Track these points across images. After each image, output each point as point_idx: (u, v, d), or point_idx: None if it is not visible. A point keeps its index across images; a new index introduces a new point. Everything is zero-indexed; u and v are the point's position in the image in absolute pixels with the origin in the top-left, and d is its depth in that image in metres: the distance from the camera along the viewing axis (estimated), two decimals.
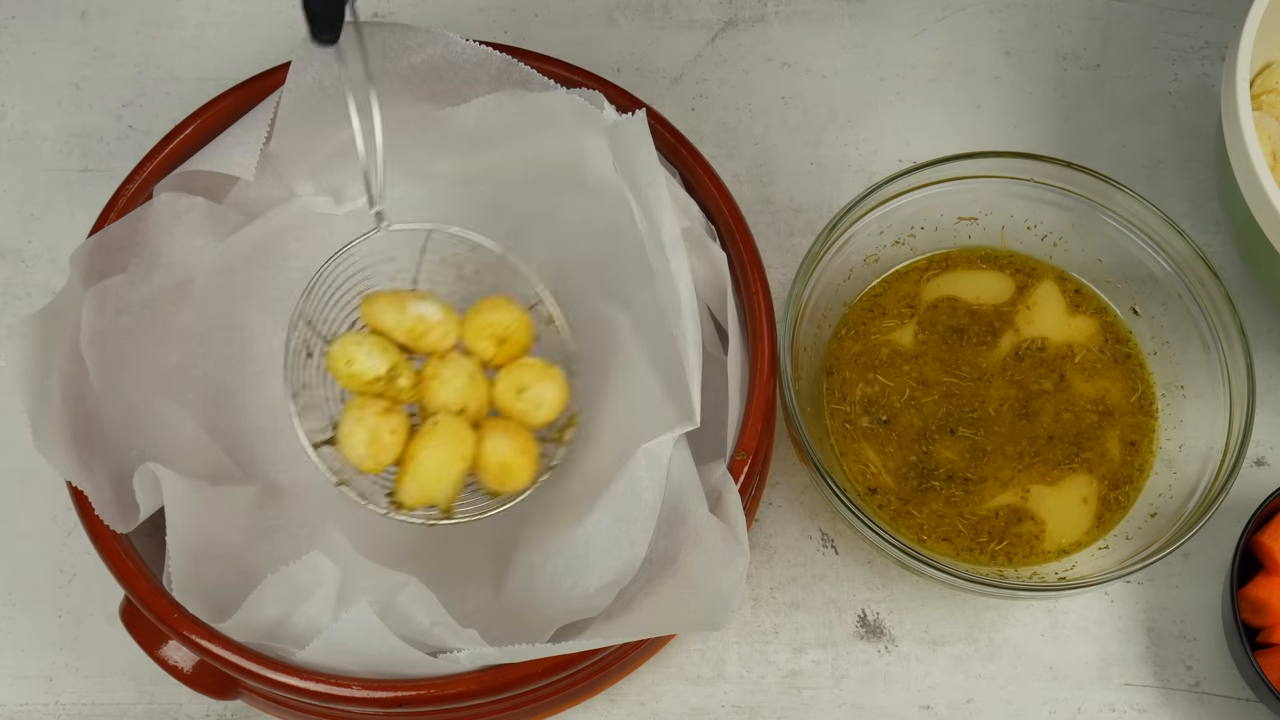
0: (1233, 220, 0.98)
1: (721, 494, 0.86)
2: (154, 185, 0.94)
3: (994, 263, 0.99)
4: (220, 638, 0.83)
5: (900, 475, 0.96)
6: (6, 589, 0.98)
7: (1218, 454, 0.93)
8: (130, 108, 1.10)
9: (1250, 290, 1.05)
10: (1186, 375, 0.95)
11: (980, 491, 0.96)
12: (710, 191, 0.93)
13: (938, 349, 0.98)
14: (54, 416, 0.86)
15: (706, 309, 0.94)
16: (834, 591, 0.99)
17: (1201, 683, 0.97)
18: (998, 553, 0.95)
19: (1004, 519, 0.96)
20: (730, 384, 0.88)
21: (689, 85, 1.11)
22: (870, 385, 0.98)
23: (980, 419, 0.96)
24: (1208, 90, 1.11)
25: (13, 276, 1.06)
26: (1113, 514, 0.96)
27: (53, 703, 0.96)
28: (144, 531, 0.88)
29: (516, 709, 0.89)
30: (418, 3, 1.14)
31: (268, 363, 0.98)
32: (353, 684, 0.82)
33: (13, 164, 1.09)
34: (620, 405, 0.95)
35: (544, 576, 0.87)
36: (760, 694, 0.96)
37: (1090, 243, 0.98)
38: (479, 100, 0.94)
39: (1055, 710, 0.96)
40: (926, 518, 0.95)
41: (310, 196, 0.99)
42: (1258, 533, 0.94)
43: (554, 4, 1.14)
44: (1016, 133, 1.10)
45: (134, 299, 0.93)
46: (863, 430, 0.97)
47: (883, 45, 1.13)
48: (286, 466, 0.96)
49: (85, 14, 1.13)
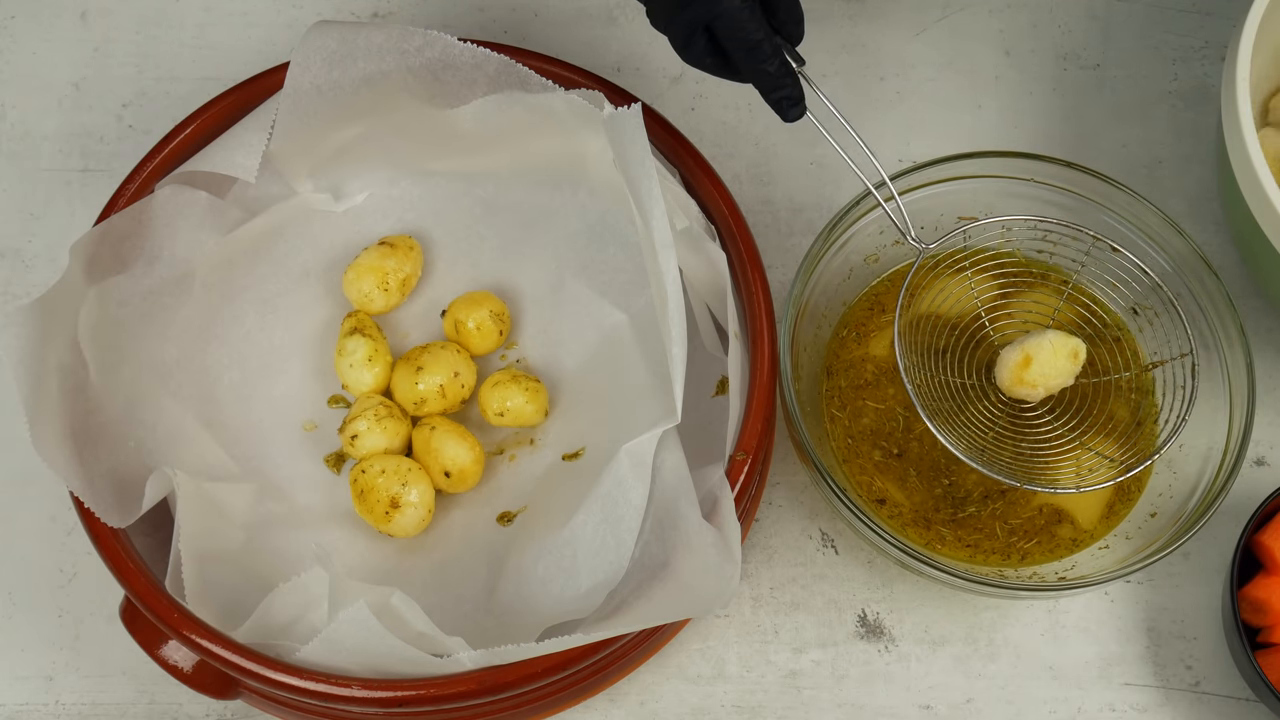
0: (1233, 220, 0.98)
1: (718, 499, 0.85)
2: (154, 185, 0.94)
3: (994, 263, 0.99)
4: (220, 637, 0.83)
5: (931, 508, 0.96)
6: (6, 589, 0.98)
7: (1218, 454, 0.93)
8: (130, 108, 1.10)
9: (1250, 290, 1.05)
10: (1186, 377, 0.95)
11: (1024, 495, 0.95)
12: (710, 191, 0.93)
13: (923, 368, 0.97)
14: (51, 408, 0.86)
15: (706, 309, 0.94)
16: (834, 591, 0.99)
17: (1201, 683, 0.97)
18: (1029, 550, 0.95)
19: (1045, 516, 0.95)
20: (730, 384, 0.88)
21: (689, 85, 1.11)
22: (867, 416, 0.98)
23: (986, 433, 0.95)
24: (1208, 90, 1.11)
25: (12, 276, 1.06)
26: (1116, 511, 0.96)
27: (53, 703, 0.96)
28: (144, 531, 0.88)
29: (516, 709, 0.89)
30: (418, 3, 1.14)
31: (267, 358, 0.98)
32: (353, 684, 0.82)
33: (13, 164, 1.09)
34: (616, 406, 0.95)
35: (535, 578, 0.87)
36: (760, 694, 0.96)
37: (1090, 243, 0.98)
38: (478, 102, 0.94)
39: (1055, 710, 0.96)
40: (968, 533, 0.95)
41: (310, 194, 1.00)
42: (1258, 533, 0.94)
43: (554, 4, 1.14)
44: (1016, 133, 1.10)
45: (134, 291, 0.93)
46: (876, 464, 0.97)
47: (883, 45, 1.13)
48: (285, 464, 0.96)
49: (85, 14, 1.13)
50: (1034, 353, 0.93)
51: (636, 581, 0.84)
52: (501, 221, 1.01)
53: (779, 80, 0.86)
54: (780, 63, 0.86)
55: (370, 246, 0.99)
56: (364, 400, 0.96)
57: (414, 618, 0.83)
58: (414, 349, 0.97)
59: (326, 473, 0.97)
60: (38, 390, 0.85)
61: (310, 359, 0.99)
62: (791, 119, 0.88)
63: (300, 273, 1.00)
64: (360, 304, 0.98)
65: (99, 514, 0.85)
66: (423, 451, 0.95)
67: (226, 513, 0.91)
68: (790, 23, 0.87)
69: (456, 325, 0.98)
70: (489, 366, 1.00)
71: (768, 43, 0.85)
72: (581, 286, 0.99)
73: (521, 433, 0.98)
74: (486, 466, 0.97)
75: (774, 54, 0.86)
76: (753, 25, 0.85)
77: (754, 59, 0.85)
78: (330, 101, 0.94)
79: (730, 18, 0.84)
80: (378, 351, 0.97)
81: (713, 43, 0.86)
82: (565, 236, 1.00)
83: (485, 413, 0.97)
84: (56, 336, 0.87)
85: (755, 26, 0.85)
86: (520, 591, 0.88)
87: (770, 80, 0.86)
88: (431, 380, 0.96)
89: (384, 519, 0.93)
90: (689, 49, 0.87)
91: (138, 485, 0.87)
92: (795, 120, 0.88)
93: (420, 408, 0.96)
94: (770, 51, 0.85)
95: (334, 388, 0.99)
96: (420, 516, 0.93)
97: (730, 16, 0.84)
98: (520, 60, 0.94)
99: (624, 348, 0.97)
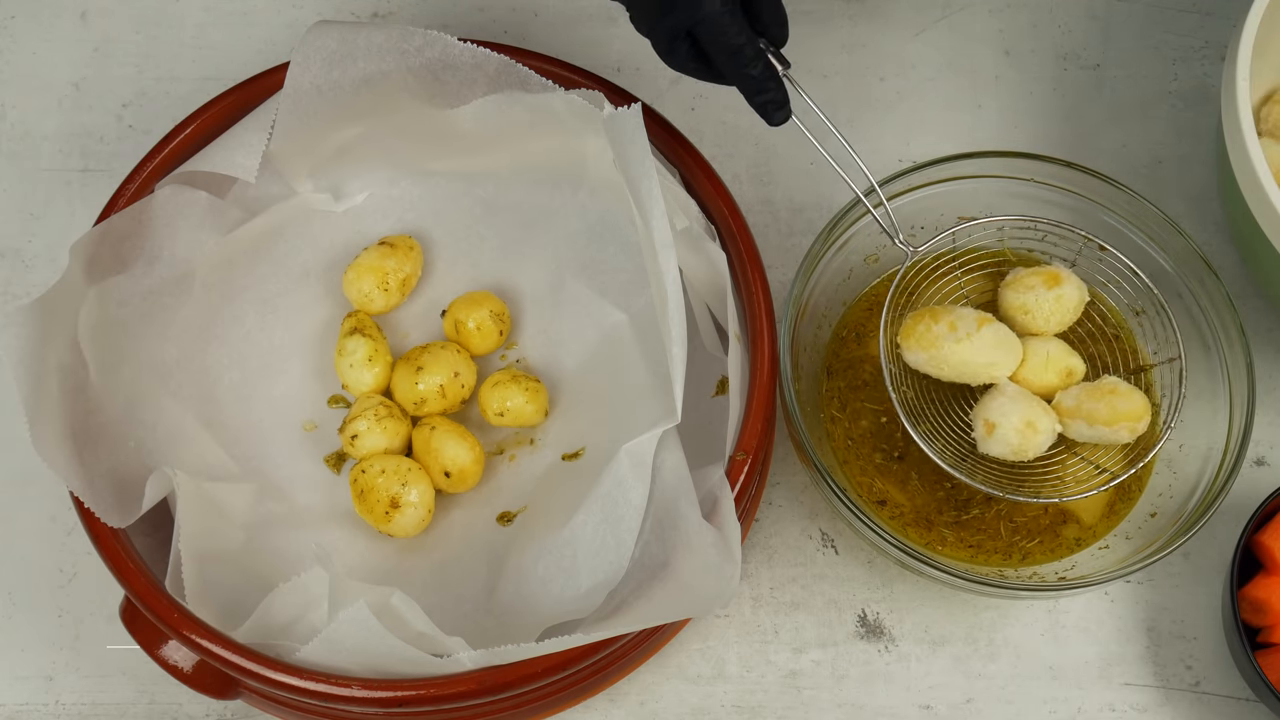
0: (1233, 220, 0.98)
1: (718, 499, 0.85)
2: (154, 185, 0.94)
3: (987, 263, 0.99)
4: (220, 637, 0.83)
5: (934, 510, 0.96)
6: (6, 589, 0.98)
7: (1218, 454, 0.93)
8: (130, 108, 1.10)
9: (1250, 290, 1.05)
10: (1186, 375, 0.95)
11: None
12: (710, 191, 0.93)
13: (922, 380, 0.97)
14: (51, 408, 0.86)
15: (706, 309, 0.94)
16: (834, 591, 0.99)
17: (1201, 683, 0.97)
18: (1031, 550, 0.95)
19: (1051, 516, 0.95)
20: (730, 384, 0.88)
21: (689, 85, 1.11)
22: (866, 418, 0.98)
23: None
24: (1208, 90, 1.11)
25: (12, 276, 1.06)
26: (1116, 511, 0.96)
27: (53, 703, 0.96)
28: (144, 531, 0.88)
29: (516, 709, 0.89)
30: (418, 2, 1.14)
31: (267, 358, 0.98)
32: (353, 684, 0.82)
33: (13, 164, 1.09)
34: (616, 406, 0.95)
35: (536, 578, 0.87)
36: (760, 694, 0.96)
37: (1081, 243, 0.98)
38: (478, 102, 0.94)
39: (1055, 710, 0.96)
40: (971, 533, 0.95)
41: (310, 194, 1.00)
42: (1258, 533, 0.94)
43: (554, 4, 1.14)
44: (1016, 133, 1.10)
45: (134, 291, 0.93)
46: (877, 466, 0.97)
47: (883, 45, 1.13)
48: (285, 464, 0.96)
49: (85, 14, 1.13)
50: (1029, 355, 0.93)
51: (636, 581, 0.84)
52: (501, 221, 1.01)
53: (763, 84, 0.86)
54: (764, 66, 0.86)
55: (370, 246, 0.99)
56: (364, 400, 0.96)
57: (414, 618, 0.83)
58: (414, 349, 0.97)
59: (326, 473, 0.97)
60: (38, 390, 0.85)
61: (310, 359, 0.99)
62: (776, 123, 0.87)
63: (300, 273, 1.00)
64: (360, 304, 0.98)
65: (99, 514, 0.85)
66: (423, 451, 0.95)
67: (226, 513, 0.91)
68: (774, 25, 0.87)
69: (456, 325, 0.98)
70: (489, 366, 1.00)
71: (750, 46, 0.85)
72: (581, 286, 0.99)
73: (521, 433, 0.98)
74: (486, 466, 0.97)
75: (757, 58, 0.85)
76: (734, 30, 0.84)
77: (737, 63, 0.85)
78: (330, 101, 0.94)
79: (712, 23, 0.84)
80: (378, 351, 0.97)
81: (696, 48, 0.86)
82: (565, 236, 1.00)
83: (485, 413, 0.97)
84: (56, 336, 0.87)
85: (737, 31, 0.84)
86: (520, 591, 0.88)
87: (754, 84, 0.86)
88: (431, 380, 0.96)
89: (384, 519, 0.93)
90: (672, 55, 0.87)
91: (138, 485, 0.87)
92: (780, 124, 0.87)
93: (420, 408, 0.96)
94: (753, 55, 0.85)
95: (334, 388, 0.99)
96: (420, 516, 0.93)
97: (712, 21, 0.84)
98: (520, 60, 0.94)
99: (624, 348, 0.97)
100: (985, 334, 0.92)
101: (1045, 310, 0.94)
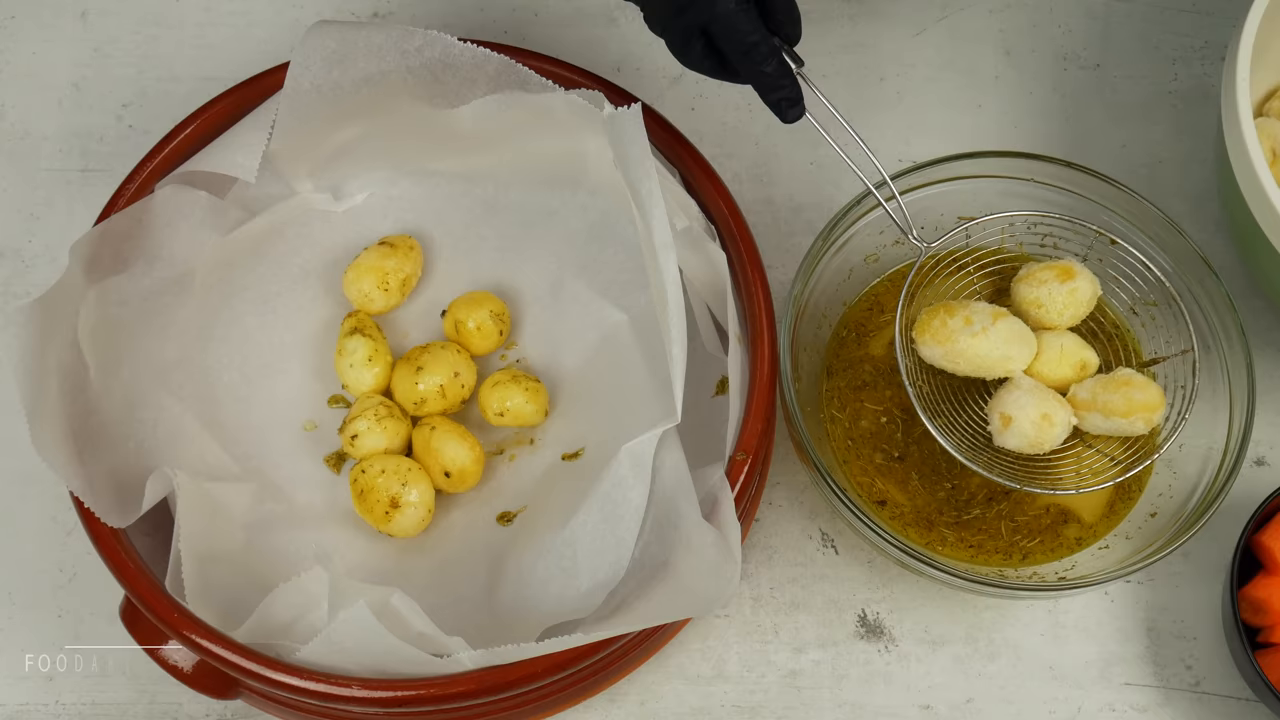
0: (1233, 220, 0.98)
1: (718, 499, 0.85)
2: (154, 185, 0.94)
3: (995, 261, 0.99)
4: (220, 637, 0.83)
5: (935, 510, 0.96)
6: (6, 589, 0.98)
7: (1218, 454, 0.93)
8: (130, 108, 1.10)
9: (1250, 290, 1.05)
10: (1186, 375, 0.95)
11: (1031, 493, 0.95)
12: (710, 191, 0.93)
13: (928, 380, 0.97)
14: (51, 408, 0.86)
15: (706, 309, 0.94)
16: (834, 591, 0.98)
17: (1201, 683, 0.97)
18: (1031, 549, 0.95)
19: (1052, 515, 0.95)
20: (730, 384, 0.88)
21: (689, 85, 1.11)
22: (866, 418, 0.98)
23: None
24: (1208, 90, 1.11)
25: (12, 276, 1.06)
26: (1116, 511, 0.96)
27: (53, 703, 0.96)
28: (144, 531, 0.88)
29: (516, 709, 0.89)
30: (418, 2, 1.14)
31: (267, 358, 0.98)
32: (353, 684, 0.82)
33: (13, 164, 1.09)
34: (616, 406, 0.95)
35: (536, 578, 0.87)
36: (760, 694, 0.96)
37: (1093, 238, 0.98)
38: (478, 102, 0.94)
39: (1055, 710, 0.96)
40: (971, 534, 0.95)
41: (310, 194, 1.00)
42: (1258, 533, 0.94)
43: (554, 4, 1.14)
44: (1016, 133, 1.10)
45: (134, 291, 0.93)
46: (878, 467, 0.97)
47: (883, 45, 1.13)
48: (285, 464, 0.96)
49: (85, 14, 1.13)
50: (1043, 348, 0.93)
51: (636, 581, 0.84)
52: (501, 221, 1.01)
53: (777, 81, 0.86)
54: (778, 64, 0.86)
55: (370, 246, 0.99)
56: (364, 400, 0.96)
57: (414, 618, 0.83)
58: (414, 349, 0.97)
59: (326, 473, 0.97)
60: (38, 390, 0.85)
61: (310, 359, 0.99)
62: (790, 120, 0.88)
63: (300, 273, 1.00)
64: (360, 304, 0.98)
65: (99, 514, 0.85)
66: (423, 451, 0.95)
67: (226, 513, 0.91)
68: (787, 23, 0.87)
69: (456, 325, 0.98)
70: (489, 366, 1.00)
71: (764, 44, 0.85)
72: (581, 286, 0.99)
73: (521, 433, 0.98)
74: (486, 466, 0.97)
75: (771, 55, 0.86)
76: (749, 27, 0.85)
77: (751, 61, 0.85)
78: (330, 101, 0.94)
79: (726, 20, 0.84)
80: (378, 351, 0.97)
81: (710, 46, 0.86)
82: (565, 236, 1.00)
83: (485, 413, 0.97)
84: (56, 336, 0.87)
85: (751, 28, 0.85)
86: (520, 591, 0.88)
87: (768, 81, 0.86)
88: (431, 380, 0.96)
89: (384, 519, 0.93)
90: (686, 53, 0.87)
91: (138, 485, 0.87)
92: (794, 121, 0.88)
93: (420, 408, 0.96)
94: (767, 53, 0.85)
95: (334, 388, 0.99)
96: (420, 516, 0.93)
97: (726, 19, 0.84)
98: (520, 60, 0.94)
99: (624, 348, 0.97)
100: (1000, 328, 0.92)
101: (1059, 304, 0.94)
